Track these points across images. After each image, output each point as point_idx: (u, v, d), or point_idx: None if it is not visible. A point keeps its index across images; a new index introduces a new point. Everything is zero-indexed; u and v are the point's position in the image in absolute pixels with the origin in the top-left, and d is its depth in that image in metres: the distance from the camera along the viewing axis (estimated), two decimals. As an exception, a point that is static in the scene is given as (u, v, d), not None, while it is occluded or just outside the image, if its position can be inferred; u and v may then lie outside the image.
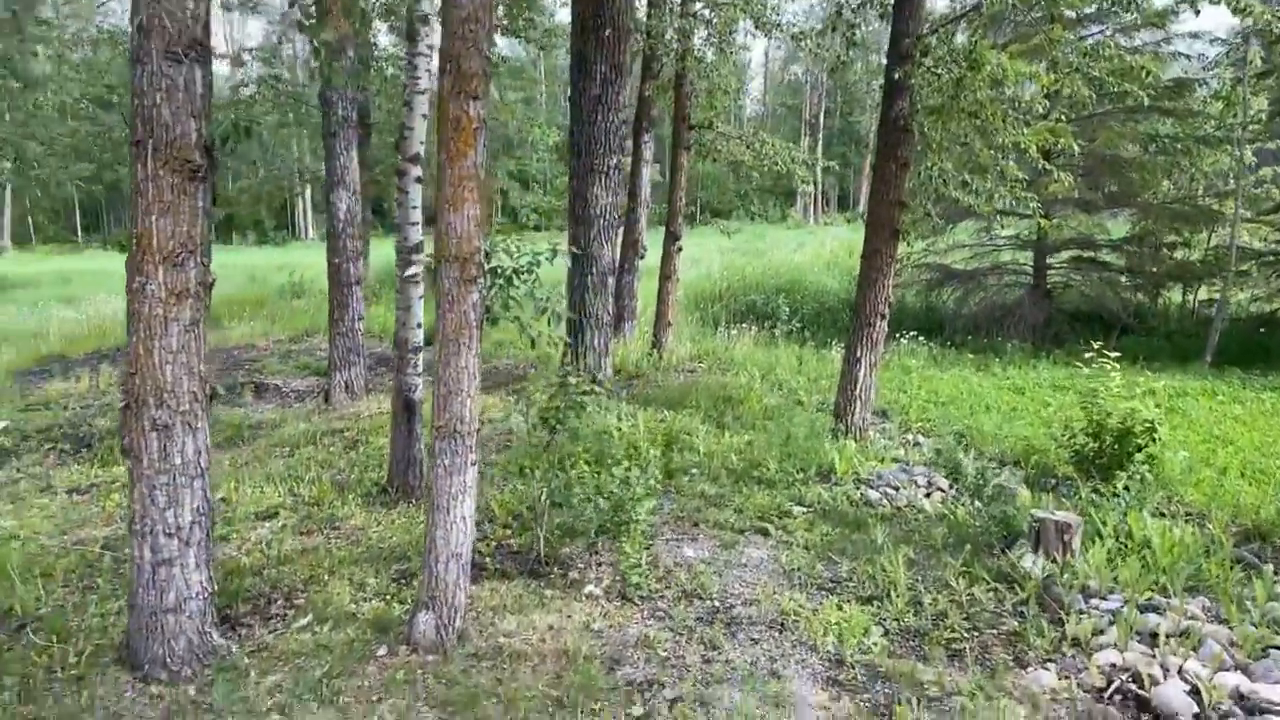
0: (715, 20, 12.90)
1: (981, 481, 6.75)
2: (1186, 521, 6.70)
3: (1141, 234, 16.22)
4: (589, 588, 5.37)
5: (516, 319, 4.49)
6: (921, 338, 14.30)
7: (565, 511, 5.38)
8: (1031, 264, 16.44)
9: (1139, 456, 7.25)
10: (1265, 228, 15.19)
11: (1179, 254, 15.95)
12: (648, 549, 5.89)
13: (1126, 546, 6.15)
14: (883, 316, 9.31)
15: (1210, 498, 7.10)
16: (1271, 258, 14.33)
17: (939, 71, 8.97)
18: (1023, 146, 9.31)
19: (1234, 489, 7.29)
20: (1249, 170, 15.21)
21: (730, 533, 6.56)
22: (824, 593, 5.55)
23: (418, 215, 6.33)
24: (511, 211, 46.00)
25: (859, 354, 9.33)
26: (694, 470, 8.12)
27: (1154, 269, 15.88)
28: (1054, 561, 5.95)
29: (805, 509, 7.09)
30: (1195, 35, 15.10)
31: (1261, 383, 11.71)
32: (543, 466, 5.32)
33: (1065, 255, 16.72)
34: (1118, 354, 13.86)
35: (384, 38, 17.51)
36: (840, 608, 5.23)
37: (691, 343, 14.12)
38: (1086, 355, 13.96)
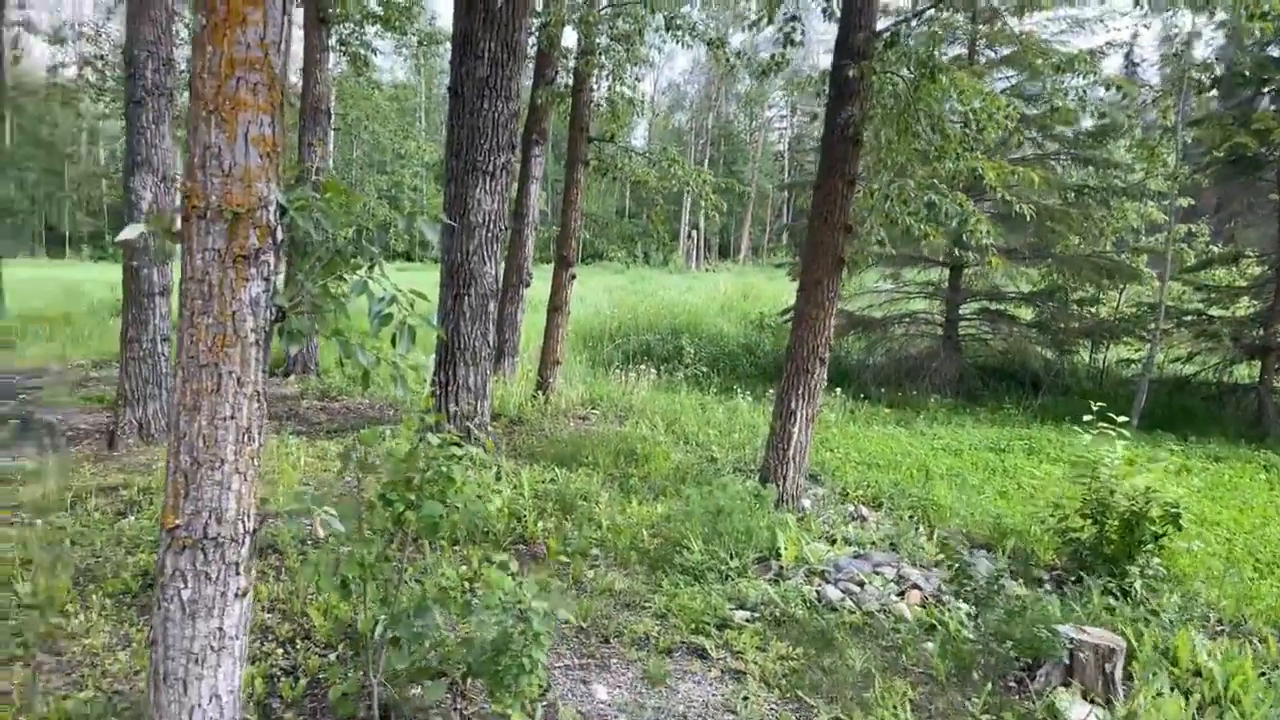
0: (622, 19, 11.27)
1: (995, 588, 5.12)
2: (1228, 636, 5.28)
3: (1051, 288, 15.49)
4: (450, 769, 3.36)
5: (337, 334, 2.51)
6: (838, 389, 12.89)
7: (414, 647, 3.37)
8: (943, 315, 15.45)
9: (1151, 547, 5.83)
10: (1182, 286, 14.72)
11: (1092, 310, 15.29)
12: (543, 696, 3.93)
13: (1173, 674, 4.64)
14: (822, 361, 7.73)
15: (1239, 600, 5.72)
16: (1191, 318, 13.78)
17: (897, 73, 7.61)
18: (979, 174, 8.01)
19: (1260, 589, 5.96)
20: (1162, 227, 14.73)
21: (656, 655, 4.66)
22: (808, 768, 3.73)
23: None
24: (382, 240, 43.10)
25: (793, 406, 7.69)
26: (596, 552, 6.21)
27: (1063, 325, 15.13)
28: (1098, 702, 4.35)
29: (750, 614, 5.28)
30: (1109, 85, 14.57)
31: (1202, 450, 10.80)
32: (380, 573, 3.31)
33: (974, 307, 15.83)
34: (1038, 414, 12.82)
35: None
36: (840, 799, 3.41)
37: (583, 385, 12.24)
38: (1010, 413, 13.07)
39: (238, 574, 2.41)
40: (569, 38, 13.10)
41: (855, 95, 7.51)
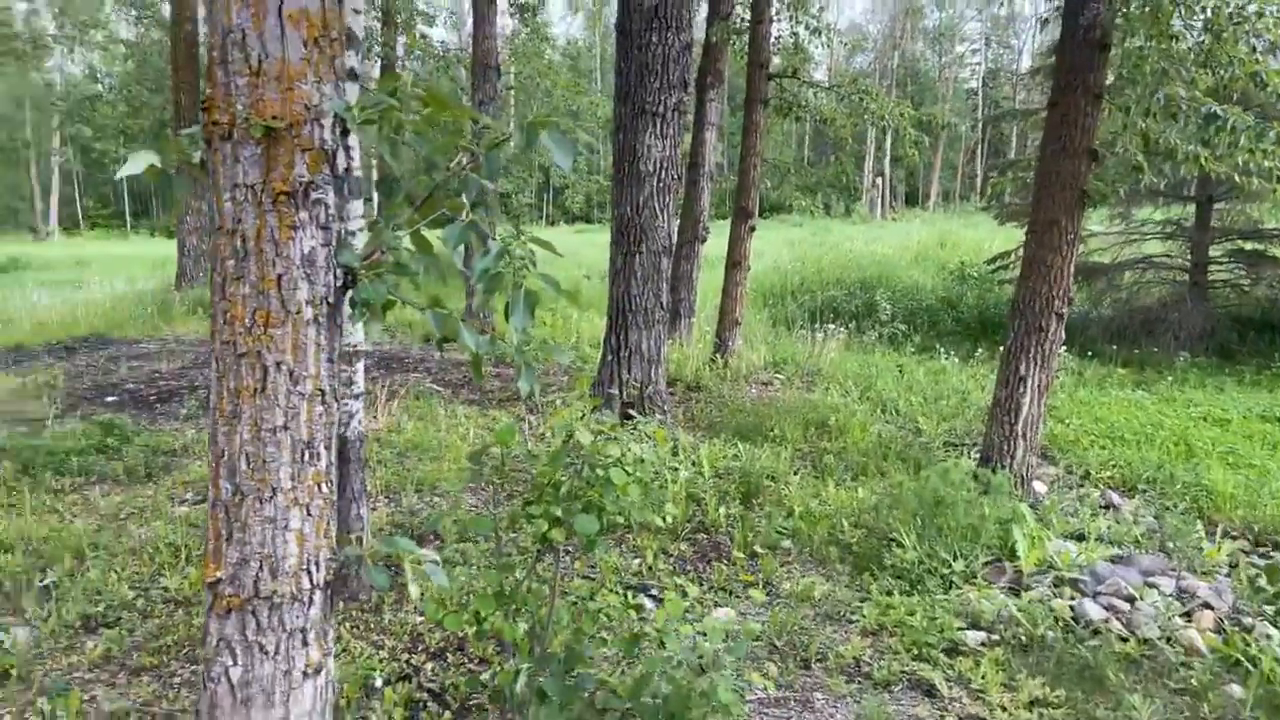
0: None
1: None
2: None
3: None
4: None
5: (435, 304, 1.75)
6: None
7: (567, 704, 2.64)
8: (1187, 258, 13.24)
9: None
10: None
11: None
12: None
13: None
14: (1059, 317, 6.43)
15: None
16: None
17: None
18: (1264, 80, 6.36)
19: None
20: None
21: (872, 689, 3.76)
22: None
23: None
24: (560, 200, 43.24)
25: (1023, 370, 6.44)
26: (788, 545, 5.34)
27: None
28: None
29: (985, 636, 4.26)
30: None
31: None
32: (524, 603, 2.61)
33: (1226, 247, 13.46)
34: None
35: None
36: None
37: (764, 346, 11.28)
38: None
39: (305, 645, 1.74)
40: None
41: (1102, -12, 6.07)
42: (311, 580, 1.73)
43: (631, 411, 7.51)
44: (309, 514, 1.70)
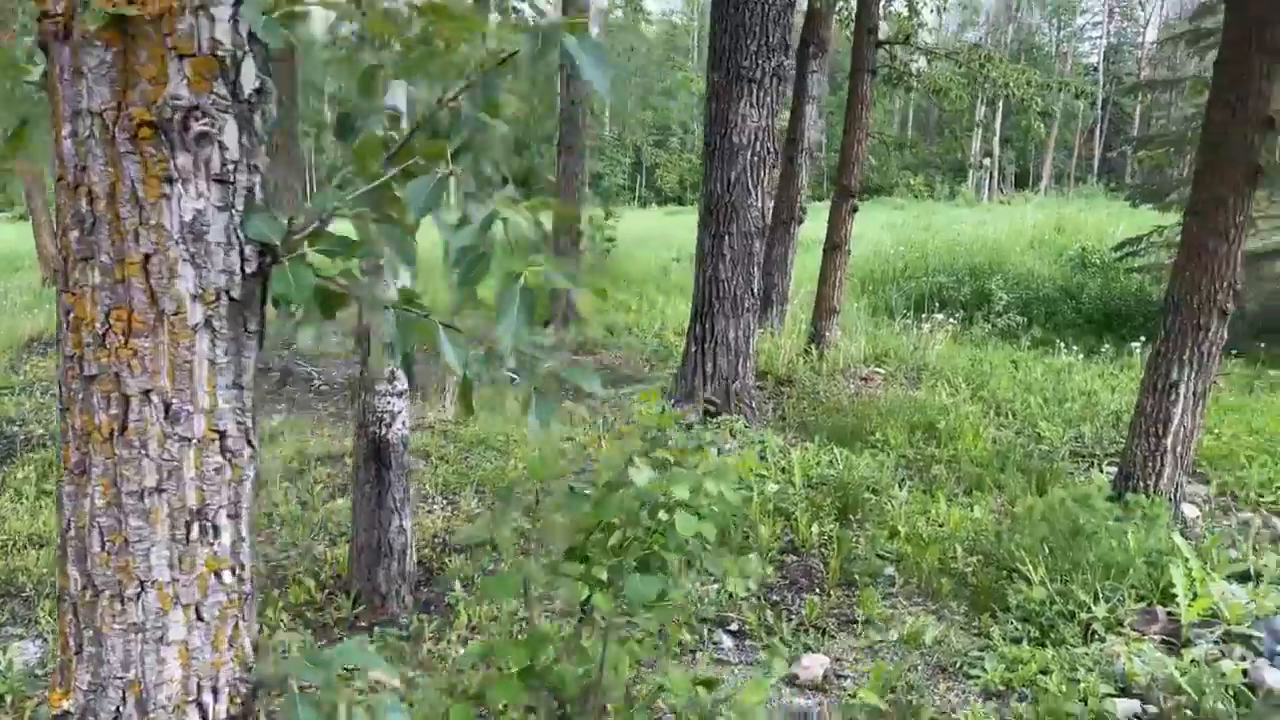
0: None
1: None
2: None
3: None
4: None
5: (408, 301, 1.17)
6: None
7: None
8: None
9: None
10: None
11: None
12: None
13: None
14: (1224, 314, 5.47)
15: None
16: None
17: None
18: None
19: None
20: None
21: (999, 779, 3.05)
22: None
23: None
24: (653, 181, 42.54)
25: (1174, 375, 5.54)
26: (891, 573, 4.64)
27: None
28: None
29: (1139, 705, 3.49)
30: None
31: None
32: (560, 682, 2.02)
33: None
34: None
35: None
36: None
37: (864, 338, 10.44)
38: None
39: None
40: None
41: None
42: (206, 717, 1.17)
43: (715, 408, 6.88)
44: (199, 619, 1.14)
